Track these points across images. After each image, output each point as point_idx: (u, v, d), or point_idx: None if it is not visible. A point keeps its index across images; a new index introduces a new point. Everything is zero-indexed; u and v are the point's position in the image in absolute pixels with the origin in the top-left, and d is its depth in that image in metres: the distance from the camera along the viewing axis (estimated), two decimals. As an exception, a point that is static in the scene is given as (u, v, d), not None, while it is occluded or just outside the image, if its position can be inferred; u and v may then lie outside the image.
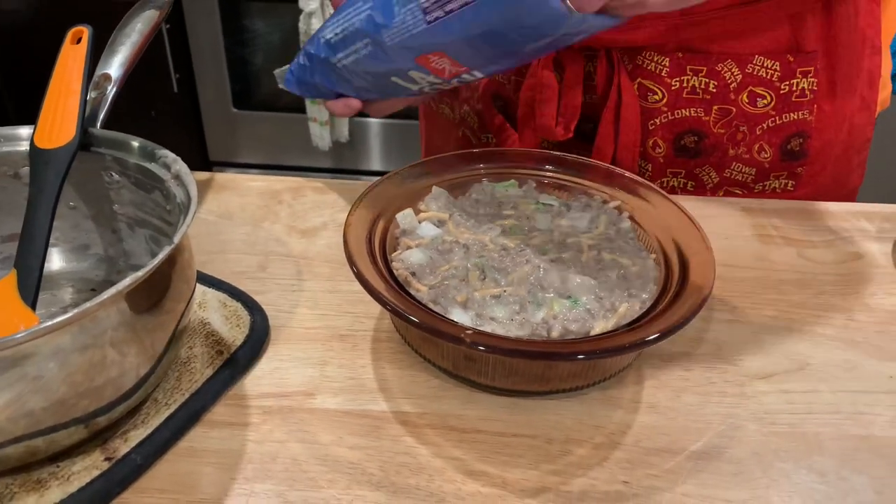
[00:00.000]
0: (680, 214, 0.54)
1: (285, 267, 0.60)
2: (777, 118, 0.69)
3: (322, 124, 1.89)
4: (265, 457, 0.44)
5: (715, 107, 0.69)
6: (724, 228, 0.66)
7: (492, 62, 0.51)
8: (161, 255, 0.40)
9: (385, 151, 2.02)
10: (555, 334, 0.46)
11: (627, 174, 0.58)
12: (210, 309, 0.54)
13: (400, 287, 0.47)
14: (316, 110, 1.86)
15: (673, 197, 0.56)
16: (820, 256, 0.63)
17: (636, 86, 0.69)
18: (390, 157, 2.02)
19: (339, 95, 0.60)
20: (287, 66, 0.61)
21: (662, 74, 0.68)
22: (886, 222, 0.67)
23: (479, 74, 0.52)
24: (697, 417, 0.48)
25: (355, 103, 0.59)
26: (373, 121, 1.97)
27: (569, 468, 0.44)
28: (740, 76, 0.67)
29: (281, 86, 0.62)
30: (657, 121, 0.70)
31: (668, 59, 0.67)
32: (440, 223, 0.55)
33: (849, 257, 0.63)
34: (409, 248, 0.52)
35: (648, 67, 0.68)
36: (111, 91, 0.56)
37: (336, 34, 0.55)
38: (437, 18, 0.48)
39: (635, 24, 0.66)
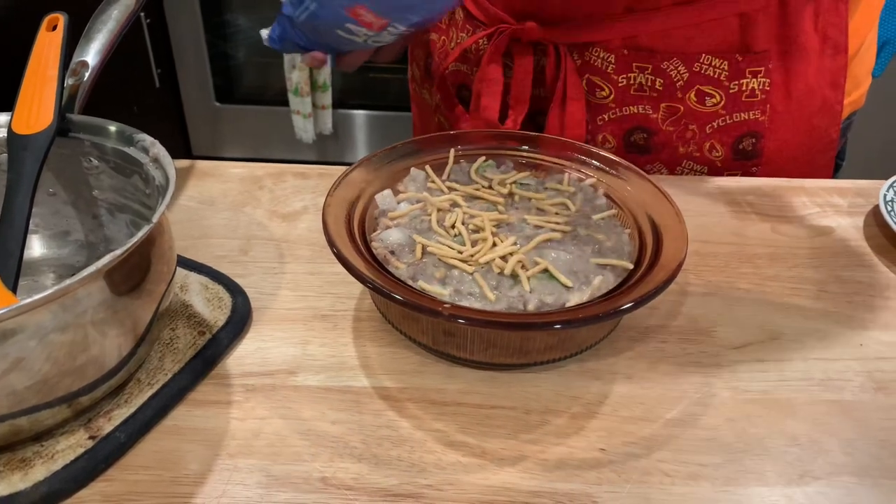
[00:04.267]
0: (654, 190, 0.54)
1: (267, 250, 0.61)
2: (727, 117, 0.69)
3: (305, 117, 1.88)
4: (248, 433, 0.45)
5: (662, 105, 0.69)
6: (700, 206, 0.67)
7: (403, 13, 0.57)
8: (140, 234, 0.40)
9: (369, 143, 2.03)
10: (531, 307, 0.47)
11: (603, 153, 0.59)
12: (192, 292, 0.54)
13: (379, 265, 0.48)
14: (299, 103, 1.86)
15: (648, 175, 0.56)
16: (793, 231, 0.64)
17: (584, 81, 0.69)
18: (374, 149, 2.01)
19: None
20: (271, 25, 0.67)
21: (609, 71, 0.68)
22: (858, 197, 0.68)
23: (400, 27, 0.59)
24: (673, 387, 0.49)
25: (319, 55, 0.64)
26: (357, 113, 1.97)
27: (547, 437, 0.45)
28: (687, 74, 0.67)
29: (266, 44, 0.67)
30: (605, 116, 0.70)
31: (614, 55, 0.67)
32: (419, 203, 0.55)
33: (821, 231, 0.64)
34: (388, 227, 0.53)
35: (595, 63, 0.68)
36: (88, 78, 0.56)
37: None
38: None
39: (581, 21, 0.67)
